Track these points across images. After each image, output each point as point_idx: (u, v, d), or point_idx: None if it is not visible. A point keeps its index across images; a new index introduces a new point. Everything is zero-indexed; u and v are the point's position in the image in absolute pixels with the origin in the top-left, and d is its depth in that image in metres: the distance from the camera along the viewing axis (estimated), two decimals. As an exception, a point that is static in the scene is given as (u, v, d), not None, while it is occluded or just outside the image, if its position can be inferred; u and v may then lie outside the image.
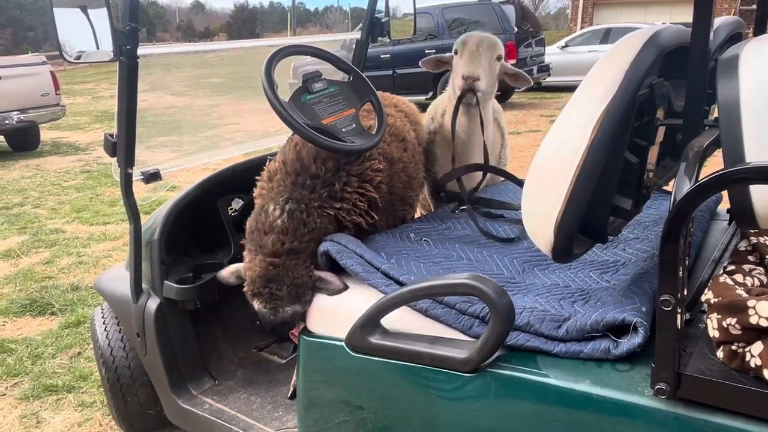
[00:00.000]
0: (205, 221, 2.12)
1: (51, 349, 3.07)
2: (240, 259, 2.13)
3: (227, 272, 1.70)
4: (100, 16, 1.60)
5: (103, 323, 2.24)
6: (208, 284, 2.01)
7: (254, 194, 1.72)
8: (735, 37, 1.59)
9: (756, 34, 1.63)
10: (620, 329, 1.13)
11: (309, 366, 1.52)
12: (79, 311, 3.48)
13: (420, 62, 2.17)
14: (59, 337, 3.20)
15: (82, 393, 2.69)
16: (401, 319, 1.34)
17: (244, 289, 1.61)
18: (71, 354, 3.04)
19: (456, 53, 2.02)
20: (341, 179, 1.64)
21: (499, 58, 1.98)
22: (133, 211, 1.87)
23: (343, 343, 1.39)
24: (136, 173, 1.82)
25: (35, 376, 2.83)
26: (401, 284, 1.37)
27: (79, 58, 1.70)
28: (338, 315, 1.45)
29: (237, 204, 2.14)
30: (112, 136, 1.76)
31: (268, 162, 1.75)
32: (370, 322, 1.34)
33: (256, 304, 1.58)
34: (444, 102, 2.18)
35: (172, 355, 2.00)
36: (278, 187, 1.62)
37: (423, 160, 2.11)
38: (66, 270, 4.19)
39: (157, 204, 3.65)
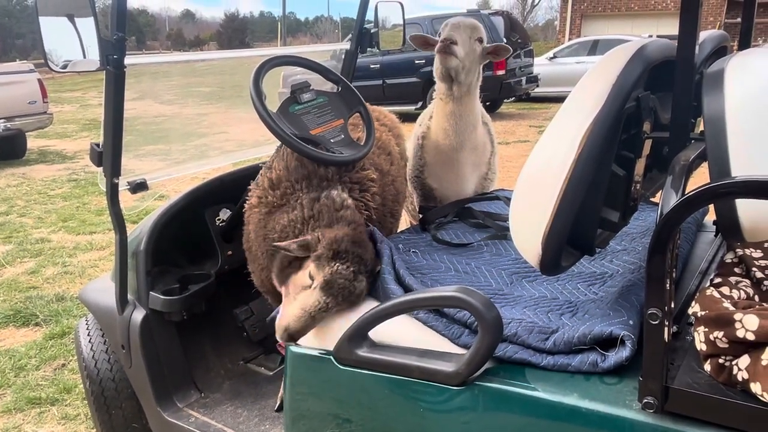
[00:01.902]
0: (192, 232, 2.11)
1: (35, 361, 3.03)
2: (228, 270, 2.12)
3: (289, 243, 1.48)
4: (87, 25, 1.59)
5: (88, 335, 2.21)
6: (195, 295, 1.99)
7: (251, 203, 1.69)
8: (720, 51, 1.61)
9: (740, 47, 1.65)
10: (608, 342, 1.13)
11: (296, 378, 1.51)
12: (63, 322, 3.44)
13: (409, 36, 2.17)
14: (43, 348, 3.16)
15: (66, 406, 2.65)
16: (389, 331, 1.33)
17: (318, 252, 1.43)
18: (55, 366, 3.00)
19: (439, 36, 2.02)
20: (346, 185, 1.64)
21: (480, 41, 1.99)
22: (119, 221, 1.85)
23: (330, 356, 1.37)
24: (123, 183, 1.80)
25: (18, 389, 2.78)
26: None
27: (65, 67, 1.68)
28: (326, 327, 1.44)
29: (225, 214, 2.12)
30: (98, 145, 1.74)
31: (263, 171, 1.73)
32: (358, 334, 1.32)
33: (334, 266, 1.40)
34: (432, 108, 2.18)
35: (158, 368, 1.97)
36: (290, 193, 1.60)
37: (405, 174, 2.12)
38: (51, 280, 4.14)
39: (145, 213, 3.63)
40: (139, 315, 1.95)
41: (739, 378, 0.95)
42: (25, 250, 4.76)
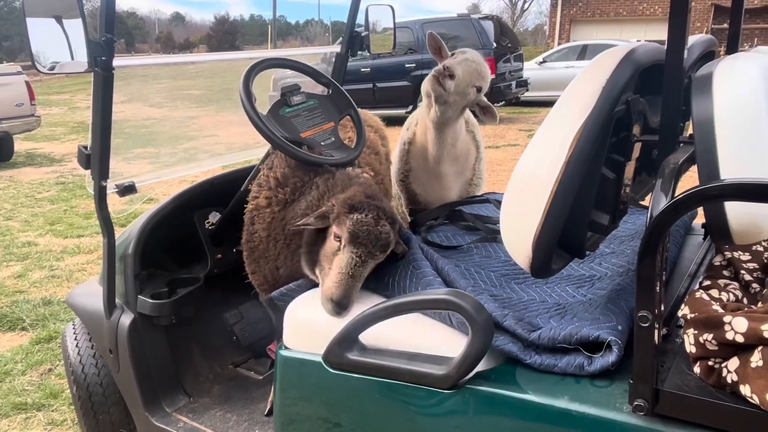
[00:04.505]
0: (181, 235, 2.09)
1: (21, 366, 2.99)
2: (217, 274, 2.11)
3: (307, 219, 1.50)
4: (75, 27, 1.57)
5: (75, 339, 2.19)
6: (184, 299, 1.97)
7: (258, 203, 1.67)
8: (708, 55, 1.62)
9: (728, 52, 1.67)
10: (595, 346, 1.13)
11: (286, 382, 1.50)
12: (50, 326, 3.40)
13: (428, 33, 2.11)
14: (29, 353, 3.12)
15: (53, 411, 2.62)
16: (380, 333, 1.33)
17: (335, 213, 1.46)
18: (42, 371, 2.96)
19: (452, 56, 2.00)
20: None
21: (479, 90, 1.98)
22: (107, 225, 1.83)
23: (320, 360, 1.37)
24: (111, 186, 1.79)
25: (3, 394, 2.75)
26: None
27: (53, 68, 1.67)
28: (316, 330, 1.43)
29: (214, 218, 2.11)
30: (86, 148, 1.73)
31: (264, 171, 1.70)
32: (348, 338, 1.32)
33: (353, 216, 1.43)
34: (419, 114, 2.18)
35: (146, 372, 1.95)
36: (300, 186, 1.60)
37: (390, 174, 2.13)
38: (38, 284, 4.10)
39: (133, 217, 3.60)
40: (127, 319, 1.93)
41: (729, 380, 0.95)
42: (11, 254, 4.71)
